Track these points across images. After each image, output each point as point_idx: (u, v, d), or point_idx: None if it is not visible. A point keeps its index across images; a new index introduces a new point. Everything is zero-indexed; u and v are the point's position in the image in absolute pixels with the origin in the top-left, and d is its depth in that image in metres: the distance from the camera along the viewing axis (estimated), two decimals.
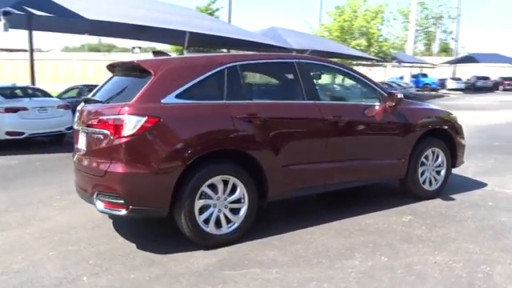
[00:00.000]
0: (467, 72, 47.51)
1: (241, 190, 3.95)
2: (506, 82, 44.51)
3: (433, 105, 6.61)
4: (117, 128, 3.59)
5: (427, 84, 41.59)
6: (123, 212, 3.66)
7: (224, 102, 3.98)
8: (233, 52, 20.86)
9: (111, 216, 4.79)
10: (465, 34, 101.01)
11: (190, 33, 16.62)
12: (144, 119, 3.57)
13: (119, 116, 3.60)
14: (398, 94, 4.85)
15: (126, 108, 3.63)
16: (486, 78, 44.76)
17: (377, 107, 4.85)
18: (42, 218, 4.89)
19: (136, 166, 3.61)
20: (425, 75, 44.17)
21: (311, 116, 4.39)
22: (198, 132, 3.79)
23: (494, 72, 47.14)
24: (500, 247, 3.87)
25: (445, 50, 58.27)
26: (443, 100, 29.16)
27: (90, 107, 4.13)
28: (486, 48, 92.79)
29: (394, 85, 29.21)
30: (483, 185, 6.03)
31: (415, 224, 4.51)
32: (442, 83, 42.99)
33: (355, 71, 5.15)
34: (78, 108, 4.55)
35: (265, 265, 3.57)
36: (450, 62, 46.81)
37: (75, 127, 4.43)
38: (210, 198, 3.85)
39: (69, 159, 4.65)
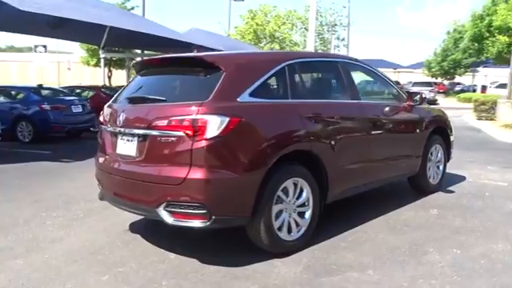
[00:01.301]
0: (356, 77, 51.62)
1: (307, 193, 3.80)
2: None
3: None
4: (197, 129, 3.19)
5: None
6: (203, 223, 3.27)
7: (291, 101, 3.81)
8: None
9: (135, 229, 4.29)
10: (355, 41, 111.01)
11: (110, 30, 15.58)
12: (227, 119, 3.24)
13: (201, 116, 3.20)
14: (422, 94, 5.08)
15: (207, 107, 3.25)
16: (376, 83, 49.00)
17: (401, 106, 5.02)
18: (50, 239, 4.16)
19: (221, 171, 3.25)
20: None
21: (359, 115, 4.41)
22: (276, 133, 3.56)
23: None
24: None
25: None
26: None
27: (142, 107, 3.63)
28: (372, 54, 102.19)
29: None
30: (463, 178, 6.57)
31: (447, 216, 4.75)
32: None
33: (380, 71, 5.30)
34: (108, 108, 3.99)
35: (355, 267, 3.47)
36: None
37: (108, 129, 3.87)
38: (283, 202, 3.63)
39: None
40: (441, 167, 5.84)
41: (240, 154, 3.33)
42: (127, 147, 3.63)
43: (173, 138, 3.28)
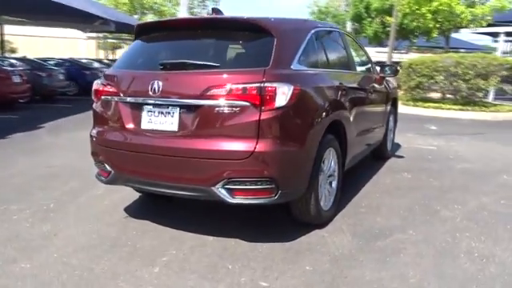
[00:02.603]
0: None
1: (334, 162, 3.83)
2: None
3: None
4: (265, 98, 2.93)
5: None
6: (268, 199, 3.06)
7: (327, 70, 3.83)
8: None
9: (134, 214, 3.85)
10: None
11: None
12: (292, 87, 3.05)
13: (269, 84, 2.94)
14: (397, 66, 5.44)
15: (273, 74, 2.99)
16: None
17: (378, 77, 5.32)
18: (39, 235, 3.49)
19: (288, 143, 3.06)
20: None
21: (362, 85, 4.56)
22: (324, 102, 3.49)
23: None
24: (501, 183, 4.98)
25: None
26: None
27: (188, 75, 3.17)
28: None
29: None
30: (399, 144, 7.27)
31: (421, 178, 5.25)
32: None
33: (359, 41, 5.51)
34: (118, 76, 3.42)
35: (395, 229, 3.62)
36: None
37: (124, 100, 3.34)
38: (322, 172, 3.60)
39: None
40: (391, 135, 6.38)
41: (302, 125, 3.18)
42: (162, 120, 3.17)
43: (235, 109, 2.96)
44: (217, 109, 2.99)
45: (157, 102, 3.17)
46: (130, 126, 3.31)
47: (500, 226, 3.73)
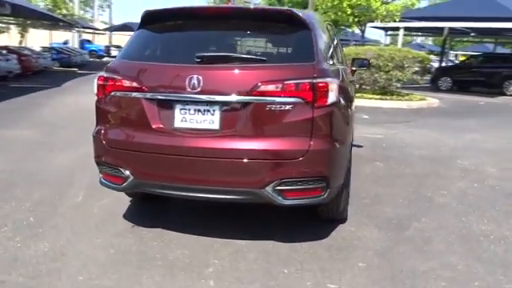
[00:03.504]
0: (123, 40, 49.89)
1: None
2: None
3: None
4: (318, 94, 2.82)
5: (94, 51, 41.03)
6: (317, 198, 2.97)
7: (341, 64, 3.79)
8: None
9: (138, 222, 3.54)
10: (121, 3, 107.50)
11: None
12: (338, 83, 2.99)
13: (321, 79, 2.82)
14: (370, 60, 5.63)
15: (322, 70, 2.89)
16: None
17: (351, 70, 5.47)
18: (39, 256, 3.00)
19: (336, 140, 2.98)
20: (89, 41, 43.39)
21: (351, 80, 4.67)
22: (350, 96, 3.48)
23: None
24: (462, 168, 5.47)
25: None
26: None
27: (232, 69, 2.89)
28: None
29: (65, 50, 27.15)
30: None
31: (392, 166, 5.56)
32: (107, 50, 43.37)
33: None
34: (141, 70, 3.04)
35: (411, 218, 3.79)
36: (109, 30, 47.66)
37: (151, 96, 2.97)
38: None
39: None
40: None
41: (344, 120, 3.14)
42: (199, 119, 2.88)
43: (287, 106, 2.80)
44: (267, 106, 2.80)
45: (194, 99, 2.87)
46: (158, 125, 2.95)
47: (490, 208, 4.10)
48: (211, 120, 2.87)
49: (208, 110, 2.87)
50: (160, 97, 2.95)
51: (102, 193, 4.15)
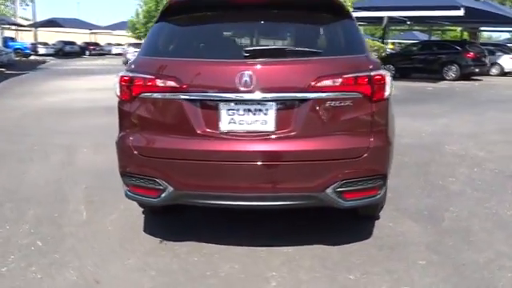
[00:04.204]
0: (50, 37, 46.91)
1: None
2: (92, 47, 47.19)
3: None
4: (375, 88, 2.65)
5: (19, 49, 38.11)
6: (374, 197, 2.82)
7: None
8: None
9: (161, 236, 3.25)
10: None
11: None
12: (389, 74, 2.85)
13: (377, 72, 2.66)
14: None
15: (375, 62, 2.73)
16: (73, 43, 45.77)
17: None
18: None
19: (390, 135, 2.84)
20: (12, 39, 40.30)
21: None
22: None
23: (74, 37, 48.80)
24: (453, 153, 5.59)
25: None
26: (49, 66, 28.02)
27: (284, 63, 2.63)
28: (68, 13, 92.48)
29: None
30: None
31: None
32: (34, 48, 40.52)
33: None
34: (176, 66, 2.71)
35: (441, 209, 3.77)
36: (34, 26, 44.60)
37: (193, 97, 2.65)
38: None
39: None
40: None
41: (392, 114, 3.00)
42: (250, 119, 2.61)
43: (346, 102, 2.61)
44: (325, 102, 2.60)
45: (244, 98, 2.59)
46: (202, 128, 2.64)
47: (503, 192, 4.19)
48: (264, 120, 2.61)
49: (260, 110, 2.61)
50: (203, 97, 2.64)
51: (105, 207, 3.79)
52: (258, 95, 2.57)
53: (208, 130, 2.64)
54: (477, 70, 18.14)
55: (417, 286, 2.60)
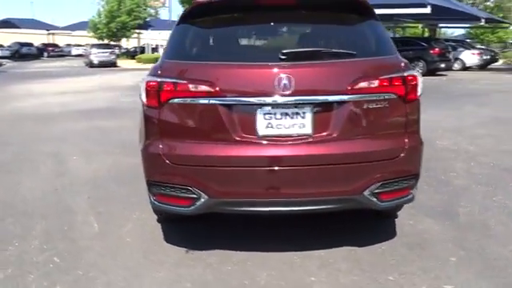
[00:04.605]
0: (5, 38, 45.02)
1: None
2: (50, 49, 45.59)
3: None
4: (409, 89, 2.66)
5: None
6: (406, 198, 2.83)
7: None
8: None
9: (187, 244, 3.17)
10: None
11: None
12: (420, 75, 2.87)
13: (409, 73, 2.67)
14: None
15: (406, 63, 2.74)
16: (30, 45, 44.03)
17: None
18: None
19: (420, 134, 2.87)
20: None
21: None
22: None
23: (31, 38, 46.96)
24: (444, 148, 5.73)
25: None
26: (6, 69, 26.97)
27: (320, 65, 2.59)
28: (21, 13, 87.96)
29: None
30: None
31: None
32: None
33: None
34: (209, 70, 2.62)
35: (457, 205, 3.85)
36: None
37: (229, 102, 2.57)
38: None
39: None
40: None
41: None
42: (288, 123, 2.56)
43: (382, 103, 2.61)
44: (363, 104, 2.59)
45: (282, 102, 2.53)
46: (238, 134, 2.57)
47: (505, 185, 4.34)
48: (301, 124, 2.57)
49: (297, 113, 2.56)
50: (240, 101, 2.56)
51: (115, 218, 3.66)
52: (296, 98, 2.53)
53: (245, 135, 2.57)
54: (442, 66, 18.78)
55: (455, 283, 2.62)
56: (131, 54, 36.45)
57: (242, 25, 2.90)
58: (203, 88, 2.55)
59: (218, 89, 2.54)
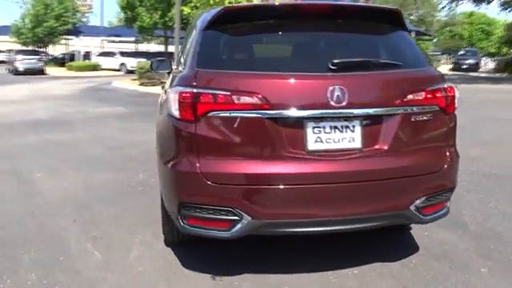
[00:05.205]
0: None
1: None
2: None
3: None
4: (449, 101, 2.64)
5: None
6: (443, 211, 2.80)
7: None
8: None
9: (211, 270, 2.97)
10: None
11: None
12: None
13: (448, 85, 2.67)
14: None
15: (442, 75, 2.73)
16: None
17: None
18: None
19: None
20: None
21: None
22: None
23: None
24: None
25: None
26: None
27: (369, 76, 2.48)
28: None
29: None
30: None
31: None
32: None
33: None
34: (257, 82, 2.41)
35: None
36: None
37: (278, 115, 2.38)
38: None
39: None
40: None
41: None
42: (337, 137, 2.42)
43: (427, 115, 2.56)
44: (410, 117, 2.52)
45: (332, 114, 2.40)
46: (286, 149, 2.39)
47: (493, 191, 4.51)
48: (351, 138, 2.44)
49: (347, 126, 2.44)
50: (288, 114, 2.38)
51: (114, 243, 3.36)
52: (347, 111, 2.41)
53: (293, 151, 2.39)
54: None
55: None
56: (59, 61, 34.37)
57: (279, 32, 2.72)
58: (248, 100, 2.34)
59: (265, 101, 2.34)
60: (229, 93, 2.35)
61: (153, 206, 3.98)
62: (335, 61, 2.42)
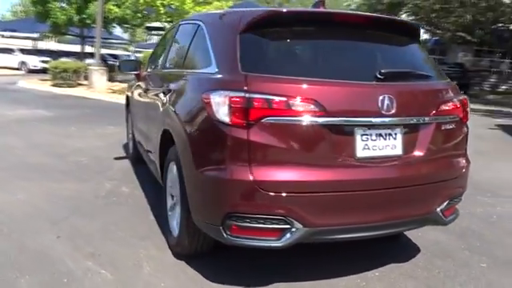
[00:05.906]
0: None
1: None
2: None
3: None
4: (465, 111, 2.88)
5: None
6: (456, 215, 3.01)
7: None
8: None
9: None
10: None
11: None
12: None
13: (463, 96, 2.90)
14: None
15: (456, 85, 2.96)
16: None
17: None
18: None
19: None
20: None
21: None
22: None
23: None
24: None
25: None
26: None
27: (409, 87, 2.60)
28: None
29: None
30: None
31: None
32: None
33: None
34: (308, 89, 2.40)
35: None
36: None
37: (333, 121, 2.40)
38: None
39: None
40: None
41: None
42: (381, 144, 2.50)
43: (452, 124, 2.76)
44: (441, 126, 2.71)
45: (380, 122, 2.48)
46: (338, 156, 2.41)
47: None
48: (393, 145, 2.55)
49: (390, 134, 2.54)
50: (341, 122, 2.40)
51: (118, 258, 3.14)
52: (393, 119, 2.51)
53: (344, 158, 2.42)
54: None
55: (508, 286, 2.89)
56: None
57: (325, 40, 2.71)
58: (304, 106, 2.32)
59: (321, 107, 2.34)
60: (284, 98, 2.30)
61: (139, 217, 3.76)
62: (383, 70, 2.50)
